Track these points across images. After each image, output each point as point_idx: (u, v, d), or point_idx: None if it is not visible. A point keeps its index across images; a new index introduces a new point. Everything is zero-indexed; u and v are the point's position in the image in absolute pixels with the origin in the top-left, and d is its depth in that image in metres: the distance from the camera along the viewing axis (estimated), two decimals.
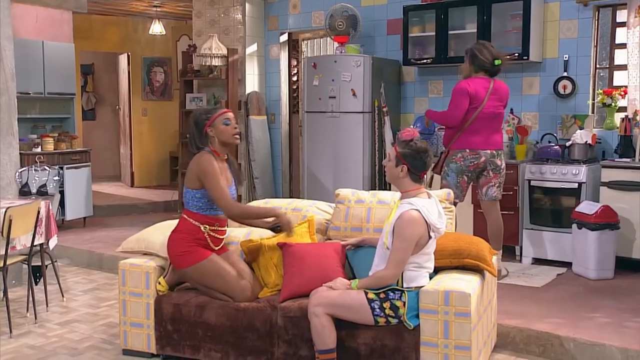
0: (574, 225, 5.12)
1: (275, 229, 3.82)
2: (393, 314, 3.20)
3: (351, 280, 3.30)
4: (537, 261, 5.54)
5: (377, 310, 3.20)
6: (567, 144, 5.58)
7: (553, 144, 5.72)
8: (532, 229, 5.55)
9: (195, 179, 3.63)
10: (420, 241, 3.15)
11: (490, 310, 3.69)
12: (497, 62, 4.91)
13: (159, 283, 3.80)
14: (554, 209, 5.49)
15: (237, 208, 3.73)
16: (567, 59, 5.84)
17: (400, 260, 3.13)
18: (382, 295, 3.20)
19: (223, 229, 3.77)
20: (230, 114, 3.73)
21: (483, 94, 4.86)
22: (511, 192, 5.59)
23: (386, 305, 3.19)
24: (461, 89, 4.86)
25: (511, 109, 6.12)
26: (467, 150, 4.91)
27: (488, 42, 5.13)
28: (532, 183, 5.53)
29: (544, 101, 6.01)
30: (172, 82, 11.07)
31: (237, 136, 3.74)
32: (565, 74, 5.86)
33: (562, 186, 5.40)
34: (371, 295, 3.21)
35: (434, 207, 3.21)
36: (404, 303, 3.18)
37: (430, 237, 3.18)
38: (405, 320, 3.19)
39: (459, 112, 4.84)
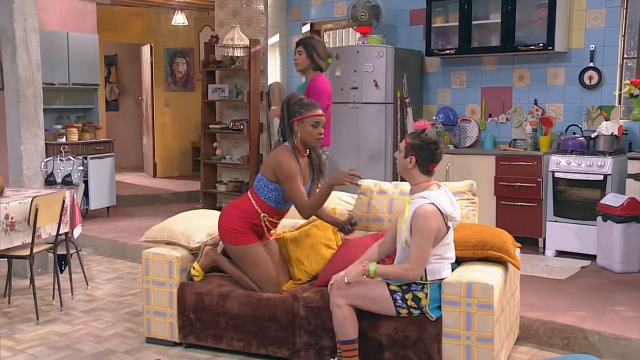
0: (599, 218, 5.06)
1: (345, 228, 3.76)
2: (415, 305, 3.19)
3: (369, 264, 3.18)
4: (561, 254, 5.49)
5: (399, 301, 3.19)
6: (593, 135, 5.51)
7: (578, 135, 5.66)
8: (555, 221, 5.49)
9: (272, 172, 3.62)
10: (439, 233, 3.12)
11: (513, 303, 3.66)
12: (329, 60, 4.87)
13: (194, 268, 3.84)
14: (578, 201, 5.42)
15: (311, 206, 3.63)
16: (593, 49, 5.75)
17: (423, 257, 3.09)
18: (404, 287, 3.19)
19: (278, 221, 3.80)
20: (321, 118, 3.65)
21: None
22: (534, 184, 5.54)
23: (408, 296, 3.19)
24: (325, 86, 4.77)
25: (535, 100, 6.06)
26: (325, 147, 4.78)
27: (317, 36, 4.96)
28: (557, 175, 5.47)
29: (569, 92, 5.93)
30: (194, 72, 11.11)
31: (320, 140, 3.67)
32: (591, 64, 5.77)
33: (587, 178, 5.33)
34: (393, 287, 3.20)
35: (446, 196, 3.18)
36: (426, 294, 3.17)
37: (448, 228, 3.16)
38: (427, 312, 3.18)
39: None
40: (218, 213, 4.09)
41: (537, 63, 6.03)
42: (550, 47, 5.69)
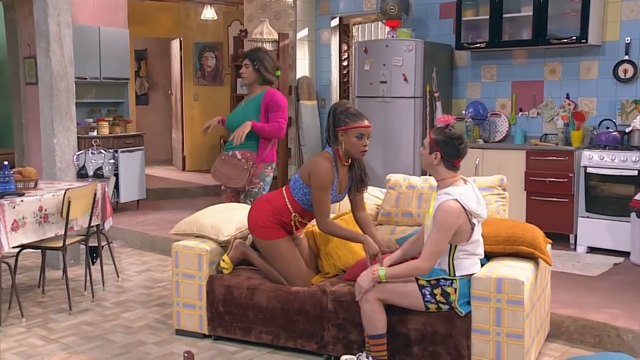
0: (633, 214, 4.97)
1: (371, 257, 3.59)
2: (444, 300, 3.17)
3: (378, 269, 3.17)
4: (593, 250, 5.41)
5: (428, 296, 3.18)
6: (627, 130, 5.41)
7: (612, 130, 5.56)
8: (587, 217, 5.41)
9: (308, 176, 3.59)
10: (463, 229, 3.08)
11: (544, 299, 3.62)
12: (278, 72, 4.75)
13: (223, 260, 3.87)
14: (611, 197, 5.33)
15: (329, 226, 3.58)
16: (628, 41, 5.64)
17: (436, 252, 3.07)
18: (432, 282, 3.17)
19: (308, 222, 3.80)
20: (367, 130, 3.55)
21: None
22: (565, 179, 5.47)
23: (437, 291, 3.17)
24: (285, 100, 4.67)
25: (567, 94, 5.97)
26: (274, 163, 4.73)
27: (265, 48, 4.88)
28: (589, 170, 5.38)
29: (602, 86, 5.83)
30: (223, 67, 11.16)
31: (364, 153, 3.58)
32: (626, 57, 5.66)
33: (621, 173, 5.24)
34: (422, 282, 3.18)
35: (471, 192, 3.14)
36: (455, 289, 3.15)
37: (473, 225, 3.11)
38: (456, 307, 3.16)
39: (286, 123, 4.65)
40: (246, 207, 4.12)
41: (569, 56, 5.93)
42: (584, 40, 5.59)
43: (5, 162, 4.50)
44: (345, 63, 7.78)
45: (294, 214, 3.68)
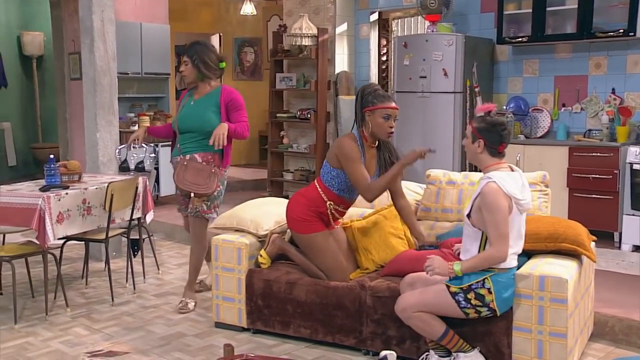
0: None
1: (424, 247, 3.63)
2: (480, 304, 3.06)
3: (453, 264, 3.07)
4: (638, 248, 5.28)
5: (463, 302, 3.08)
6: None
7: None
8: (633, 214, 5.27)
9: (335, 158, 3.64)
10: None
11: (588, 298, 3.55)
12: (223, 64, 4.37)
13: (261, 256, 3.89)
14: None
15: (373, 189, 3.54)
16: None
17: (502, 234, 2.96)
18: (464, 287, 3.06)
19: (345, 210, 3.80)
20: (394, 111, 3.57)
21: None
22: (610, 176, 5.34)
23: (470, 296, 3.06)
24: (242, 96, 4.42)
25: (612, 89, 5.83)
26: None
27: (205, 41, 4.51)
28: (635, 167, 5.24)
29: None
30: (262, 62, 11.21)
31: (390, 134, 3.60)
32: None
33: None
34: (453, 289, 3.08)
35: (515, 179, 3.05)
36: (489, 289, 3.04)
37: (510, 209, 2.99)
38: (495, 308, 3.07)
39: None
40: (286, 201, 4.13)
41: (615, 50, 5.79)
42: (632, 33, 5.44)
43: (51, 156, 4.61)
44: (384, 58, 7.74)
45: (328, 202, 3.68)
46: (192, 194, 4.29)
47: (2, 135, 9.85)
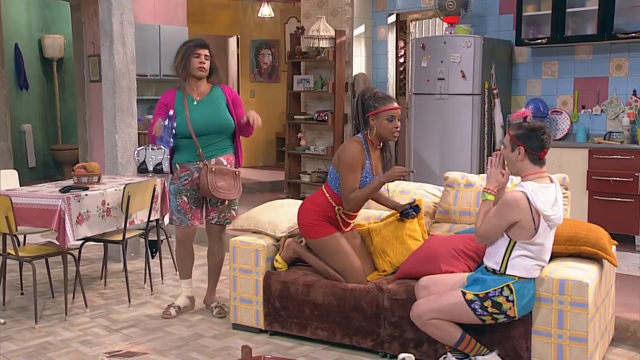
0: None
1: (409, 214, 3.75)
2: (497, 311, 3.03)
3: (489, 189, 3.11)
4: None
5: (479, 310, 3.05)
6: None
7: None
8: None
9: (338, 161, 3.65)
10: (523, 226, 2.94)
11: (608, 302, 3.51)
12: None
13: (276, 260, 3.89)
14: None
15: (352, 201, 3.60)
16: None
17: (486, 235, 3.05)
18: (481, 295, 3.04)
19: (355, 214, 3.80)
20: (397, 111, 3.60)
21: None
22: (631, 179, 5.28)
23: (487, 304, 3.03)
24: None
25: (634, 91, 5.77)
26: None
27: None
28: None
29: None
30: (280, 64, 11.23)
31: (397, 134, 3.64)
32: None
33: None
34: (470, 297, 3.05)
35: (550, 192, 2.98)
36: (506, 297, 3.01)
37: (536, 225, 2.93)
38: (514, 315, 3.04)
39: None
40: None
41: (637, 51, 5.72)
42: None
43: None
44: (402, 60, 7.72)
45: (337, 207, 3.68)
46: (227, 201, 4.24)
47: (22, 137, 9.96)
